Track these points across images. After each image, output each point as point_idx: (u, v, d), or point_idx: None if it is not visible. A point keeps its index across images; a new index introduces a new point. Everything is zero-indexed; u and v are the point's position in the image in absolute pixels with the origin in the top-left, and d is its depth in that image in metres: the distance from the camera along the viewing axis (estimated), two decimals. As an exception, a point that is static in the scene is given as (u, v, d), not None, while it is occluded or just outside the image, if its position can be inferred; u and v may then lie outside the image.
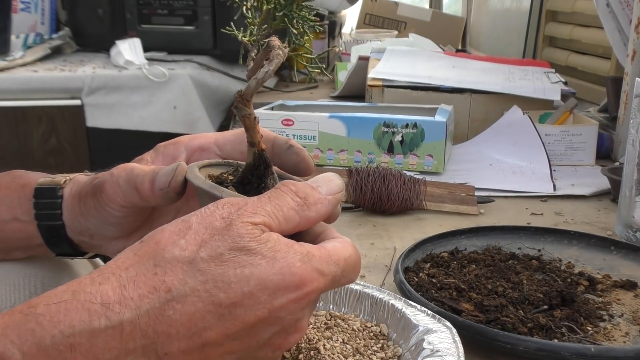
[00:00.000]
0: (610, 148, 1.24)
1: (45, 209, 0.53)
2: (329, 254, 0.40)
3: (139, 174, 0.48)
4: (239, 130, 0.54)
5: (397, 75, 1.39)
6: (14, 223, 0.54)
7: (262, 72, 0.44)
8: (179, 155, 0.53)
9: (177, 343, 0.36)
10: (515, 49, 2.19)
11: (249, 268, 0.37)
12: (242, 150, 0.53)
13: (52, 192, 0.53)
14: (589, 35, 1.68)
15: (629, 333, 0.61)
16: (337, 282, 0.41)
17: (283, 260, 0.38)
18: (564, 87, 1.35)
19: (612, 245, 0.79)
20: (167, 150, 0.53)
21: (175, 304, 0.36)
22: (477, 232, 0.82)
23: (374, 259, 0.80)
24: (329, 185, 0.43)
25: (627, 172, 0.84)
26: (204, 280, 0.37)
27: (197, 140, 0.54)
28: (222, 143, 0.54)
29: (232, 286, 0.37)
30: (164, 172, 0.47)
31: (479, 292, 0.66)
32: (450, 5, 3.33)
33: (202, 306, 0.37)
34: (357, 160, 1.14)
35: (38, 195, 0.53)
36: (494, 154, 1.21)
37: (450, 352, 0.48)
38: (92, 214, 0.51)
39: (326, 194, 0.43)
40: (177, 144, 0.54)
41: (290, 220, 0.41)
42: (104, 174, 0.51)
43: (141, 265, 0.37)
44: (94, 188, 0.50)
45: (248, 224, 0.38)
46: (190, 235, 0.38)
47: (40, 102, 1.78)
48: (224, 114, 1.94)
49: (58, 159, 1.79)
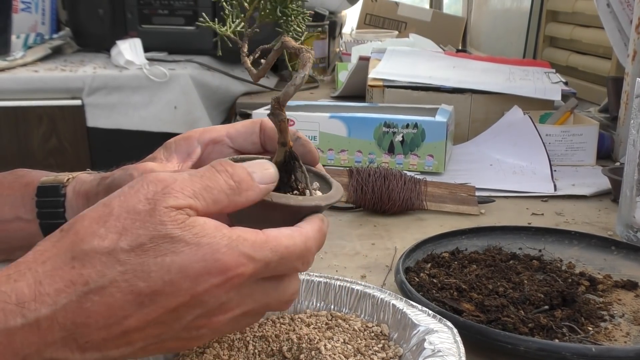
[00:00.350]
0: (610, 148, 1.24)
1: (48, 207, 0.53)
2: (266, 240, 0.40)
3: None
4: (248, 121, 0.54)
5: (398, 76, 1.39)
6: (17, 222, 0.54)
7: (299, 77, 0.45)
8: (193, 150, 0.53)
9: (97, 332, 0.37)
10: (515, 49, 2.19)
11: (171, 256, 0.37)
12: (254, 141, 0.54)
13: (54, 191, 0.53)
14: (590, 35, 1.69)
15: (630, 333, 0.61)
16: (272, 268, 0.41)
17: (207, 246, 0.38)
18: (565, 87, 1.35)
19: (612, 246, 0.79)
20: (179, 147, 0.53)
21: (93, 295, 0.37)
22: (477, 232, 0.82)
23: (375, 259, 0.80)
24: (264, 173, 0.43)
25: (628, 172, 0.84)
26: (123, 270, 0.37)
27: (209, 133, 0.54)
28: (234, 135, 0.54)
29: (152, 275, 0.37)
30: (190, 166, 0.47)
31: (479, 292, 0.66)
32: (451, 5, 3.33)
33: (121, 296, 0.37)
34: (357, 161, 1.14)
35: (41, 193, 0.53)
36: (495, 154, 1.21)
37: (452, 352, 0.48)
38: None
39: (259, 181, 0.42)
40: (189, 139, 0.54)
41: (219, 202, 0.41)
42: (116, 174, 0.51)
43: (58, 259, 0.37)
44: (107, 189, 0.50)
45: (172, 209, 0.38)
46: (110, 222, 0.38)
47: (41, 102, 1.78)
48: (225, 114, 1.94)
49: (59, 159, 1.79)
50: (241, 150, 0.55)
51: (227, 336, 0.55)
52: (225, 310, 0.40)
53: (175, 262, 0.37)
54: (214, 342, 0.54)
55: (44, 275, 0.37)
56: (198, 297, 0.38)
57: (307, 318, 0.57)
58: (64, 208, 0.53)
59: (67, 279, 0.37)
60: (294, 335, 0.54)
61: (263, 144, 0.54)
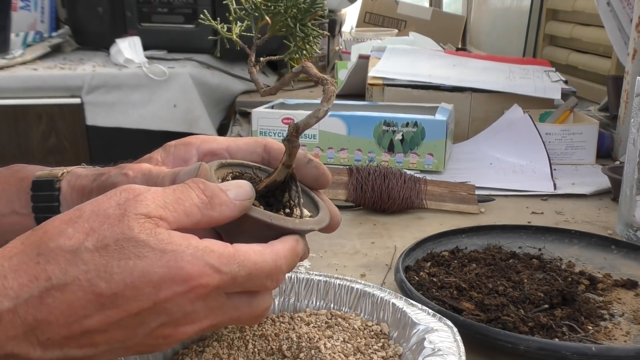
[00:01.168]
0: (610, 147, 1.24)
1: (42, 201, 0.53)
2: (234, 254, 0.40)
3: (158, 175, 0.48)
4: (251, 140, 0.54)
5: (398, 74, 1.39)
6: (13, 216, 0.54)
7: (322, 110, 0.45)
8: (191, 158, 0.53)
9: (57, 329, 0.37)
10: (515, 48, 2.19)
11: (134, 260, 0.38)
12: (253, 160, 0.53)
13: (49, 185, 0.53)
14: (590, 34, 1.68)
15: (630, 332, 0.61)
16: (239, 283, 0.41)
17: (172, 253, 0.38)
18: (565, 86, 1.35)
19: (612, 245, 0.79)
20: (177, 152, 0.53)
21: (55, 292, 0.37)
22: (477, 231, 0.82)
23: (375, 258, 0.80)
24: (238, 190, 0.43)
25: (628, 171, 0.84)
26: (86, 269, 0.37)
27: (209, 144, 0.54)
28: (234, 150, 0.54)
29: (114, 277, 0.37)
30: (186, 172, 0.47)
31: (479, 291, 0.66)
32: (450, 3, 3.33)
33: (82, 295, 0.37)
34: (357, 159, 1.14)
35: (35, 187, 0.54)
36: (495, 153, 1.21)
37: (452, 351, 0.48)
38: None
39: (234, 198, 0.43)
40: (188, 145, 0.54)
41: (192, 215, 0.41)
42: (112, 173, 0.50)
43: (24, 255, 0.38)
44: (102, 186, 0.50)
45: (142, 216, 0.39)
46: (79, 223, 0.38)
47: (40, 100, 1.78)
48: (224, 113, 1.94)
49: (58, 157, 1.79)
50: None
51: (226, 334, 0.55)
52: (192, 321, 0.40)
53: (138, 266, 0.38)
54: (213, 341, 0.54)
55: (9, 270, 0.37)
56: (161, 304, 0.38)
57: (306, 317, 0.57)
58: (58, 202, 0.53)
59: (31, 274, 0.37)
60: (293, 334, 0.54)
61: (266, 164, 0.54)
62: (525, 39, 2.09)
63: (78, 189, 0.53)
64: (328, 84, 0.47)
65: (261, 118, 1.17)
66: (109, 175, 0.51)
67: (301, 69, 0.46)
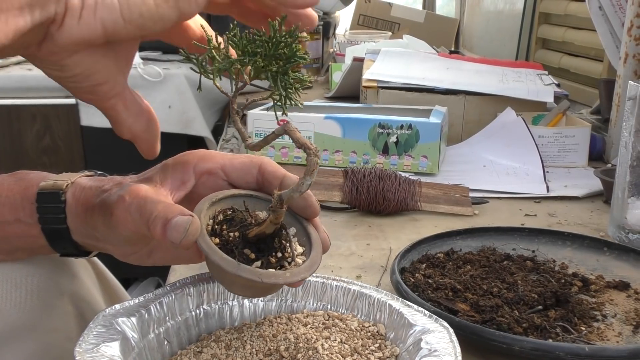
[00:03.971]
0: (602, 150, 1.25)
1: (49, 213, 0.53)
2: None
3: (152, 212, 0.47)
4: (247, 160, 0.55)
5: (392, 77, 1.40)
6: (18, 224, 0.54)
7: (305, 184, 0.46)
8: (188, 179, 0.53)
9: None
10: (508, 51, 2.21)
11: None
12: (248, 180, 0.54)
13: (54, 197, 0.53)
14: (582, 37, 1.70)
15: (622, 333, 0.62)
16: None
17: None
18: (557, 89, 1.36)
19: (605, 246, 0.80)
20: (175, 172, 0.53)
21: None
22: (472, 233, 0.83)
23: (370, 260, 0.81)
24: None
25: (620, 174, 0.85)
26: None
27: (205, 163, 0.54)
28: (230, 170, 0.54)
29: None
30: (176, 225, 0.46)
31: (474, 292, 0.67)
32: (443, 6, 3.35)
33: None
34: (352, 161, 1.15)
35: (40, 200, 0.53)
36: (488, 155, 1.22)
37: (448, 351, 0.48)
38: (100, 228, 0.51)
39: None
40: (186, 165, 0.53)
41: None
42: (113, 191, 0.50)
43: None
44: (102, 207, 0.50)
45: None
46: None
47: (35, 100, 1.77)
48: (219, 114, 1.94)
49: (52, 157, 1.79)
50: (235, 185, 0.55)
51: (224, 335, 0.55)
52: None
53: None
54: (211, 342, 0.54)
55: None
56: None
57: (304, 318, 0.58)
58: (64, 214, 0.53)
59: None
60: (291, 335, 0.54)
61: (260, 185, 0.54)
62: (518, 42, 2.10)
63: (83, 202, 0.53)
64: (312, 155, 0.45)
65: (257, 120, 1.18)
66: (109, 194, 0.51)
67: (283, 131, 0.45)
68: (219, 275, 0.51)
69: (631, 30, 1.17)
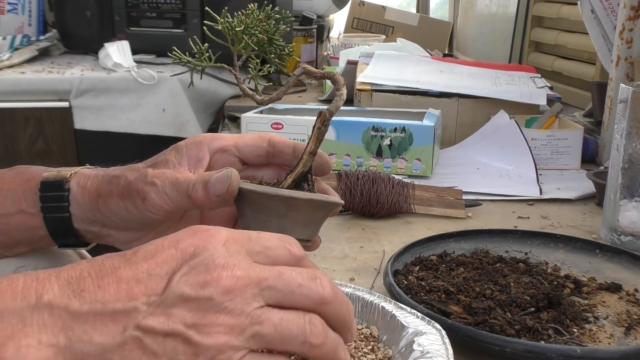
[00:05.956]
0: (595, 152, 1.25)
1: (52, 201, 0.54)
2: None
3: (188, 182, 0.50)
4: (256, 135, 0.57)
5: (386, 80, 1.40)
6: (20, 215, 0.55)
7: (344, 94, 0.51)
8: (204, 157, 0.55)
9: (91, 281, 0.38)
10: (501, 54, 2.21)
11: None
12: (259, 154, 0.57)
13: (59, 185, 0.54)
14: (574, 40, 1.71)
15: (614, 335, 0.63)
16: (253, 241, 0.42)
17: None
18: (550, 92, 1.36)
19: (597, 249, 0.80)
20: (190, 151, 0.55)
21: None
22: (465, 235, 0.83)
23: (364, 262, 0.81)
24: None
25: (612, 176, 0.85)
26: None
27: (218, 141, 0.56)
28: (241, 146, 0.56)
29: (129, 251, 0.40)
30: (218, 179, 0.49)
31: (467, 294, 0.67)
32: (437, 9, 3.35)
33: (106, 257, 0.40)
34: (346, 164, 1.15)
35: (44, 188, 0.54)
36: (481, 158, 1.22)
37: (440, 353, 0.48)
38: (118, 213, 0.53)
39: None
40: (199, 144, 0.56)
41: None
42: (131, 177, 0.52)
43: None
44: (127, 193, 0.52)
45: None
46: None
47: (28, 104, 1.77)
48: (213, 117, 1.94)
49: (46, 161, 1.78)
50: (246, 161, 0.57)
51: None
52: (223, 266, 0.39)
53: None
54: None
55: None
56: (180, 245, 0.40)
57: (297, 320, 0.58)
58: (68, 202, 0.54)
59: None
60: (284, 338, 0.54)
61: (270, 157, 0.57)
62: (511, 45, 2.11)
63: (90, 190, 0.54)
64: (334, 74, 0.51)
65: (250, 123, 1.18)
66: (126, 180, 0.52)
67: (303, 70, 0.49)
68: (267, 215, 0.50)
69: (623, 33, 1.18)
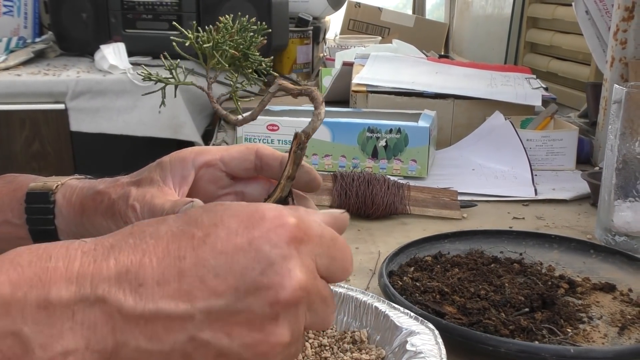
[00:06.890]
0: (590, 153, 1.26)
1: (37, 213, 0.54)
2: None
3: (162, 209, 0.49)
4: (243, 147, 0.55)
5: (381, 81, 1.40)
6: (5, 225, 0.54)
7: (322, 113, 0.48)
8: (188, 174, 0.53)
9: (151, 273, 0.35)
10: (497, 55, 2.22)
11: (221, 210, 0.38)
12: (247, 167, 0.54)
13: (44, 198, 0.54)
14: (569, 41, 1.71)
15: (608, 335, 0.63)
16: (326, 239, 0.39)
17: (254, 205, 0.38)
18: (545, 93, 1.37)
19: (591, 249, 0.80)
20: (174, 169, 0.53)
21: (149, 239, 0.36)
22: (460, 236, 0.83)
23: (359, 263, 0.81)
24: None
25: (606, 177, 0.85)
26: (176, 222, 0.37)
27: (203, 156, 0.54)
28: (228, 160, 0.54)
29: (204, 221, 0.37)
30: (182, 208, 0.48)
31: (462, 295, 0.67)
32: (433, 11, 3.36)
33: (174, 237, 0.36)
34: (341, 165, 1.15)
35: (30, 200, 0.54)
36: (477, 159, 1.22)
37: (433, 353, 0.49)
38: (102, 231, 0.51)
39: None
40: (184, 161, 0.54)
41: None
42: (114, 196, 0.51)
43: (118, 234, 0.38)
44: (109, 213, 0.51)
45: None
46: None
47: (24, 106, 1.77)
48: (209, 119, 1.94)
49: (41, 163, 1.78)
50: (233, 175, 0.55)
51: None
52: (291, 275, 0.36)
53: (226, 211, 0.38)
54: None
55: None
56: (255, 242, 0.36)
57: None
58: (53, 215, 0.53)
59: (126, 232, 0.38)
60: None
61: (258, 170, 0.54)
62: (507, 46, 2.11)
63: (75, 204, 0.53)
64: (312, 92, 0.48)
65: (245, 125, 1.18)
66: (110, 198, 0.51)
67: (279, 87, 0.47)
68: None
69: (617, 34, 1.18)
